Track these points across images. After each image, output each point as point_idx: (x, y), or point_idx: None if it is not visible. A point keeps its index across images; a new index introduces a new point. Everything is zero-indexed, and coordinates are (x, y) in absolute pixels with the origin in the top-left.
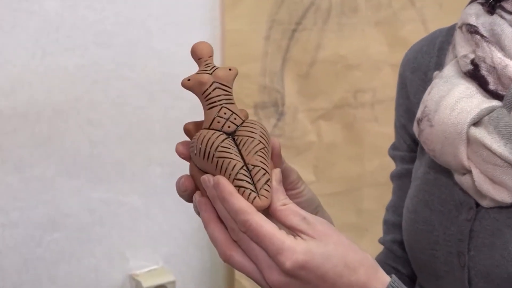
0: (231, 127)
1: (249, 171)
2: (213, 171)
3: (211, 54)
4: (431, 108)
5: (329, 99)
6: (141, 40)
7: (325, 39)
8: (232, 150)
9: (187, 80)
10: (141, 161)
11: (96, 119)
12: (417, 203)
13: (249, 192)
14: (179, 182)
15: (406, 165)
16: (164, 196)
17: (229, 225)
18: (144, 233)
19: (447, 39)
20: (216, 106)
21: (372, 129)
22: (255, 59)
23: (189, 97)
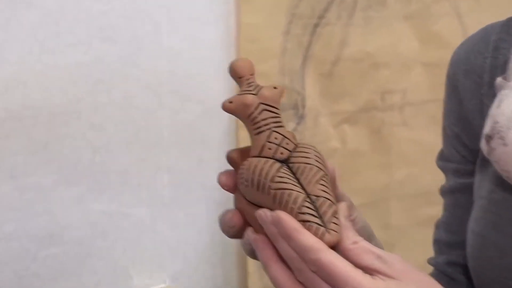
0: (284, 154)
1: (313, 202)
2: (270, 205)
3: (253, 71)
4: (503, 124)
5: (354, 101)
6: (149, 36)
7: (350, 34)
8: (290, 180)
9: (229, 103)
10: (148, 169)
11: (99, 122)
12: (485, 226)
13: (317, 226)
14: (226, 217)
15: (460, 178)
16: (173, 208)
17: (294, 265)
18: (150, 248)
19: (501, 37)
20: (265, 130)
21: (401, 134)
22: (273, 57)
23: (201, 99)
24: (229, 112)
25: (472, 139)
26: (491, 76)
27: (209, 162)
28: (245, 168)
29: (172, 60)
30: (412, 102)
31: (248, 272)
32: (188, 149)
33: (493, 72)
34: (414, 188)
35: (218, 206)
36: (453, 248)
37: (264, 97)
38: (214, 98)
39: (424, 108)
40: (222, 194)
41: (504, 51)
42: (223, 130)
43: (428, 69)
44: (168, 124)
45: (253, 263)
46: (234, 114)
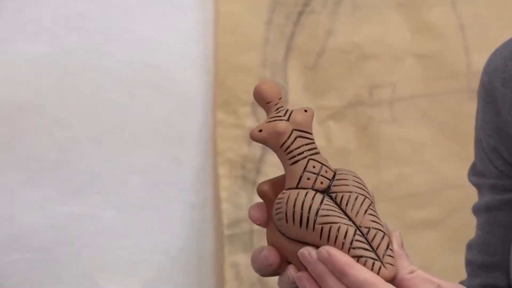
0: (324, 183)
1: (364, 235)
2: (315, 240)
3: (281, 95)
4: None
5: (340, 96)
6: (120, 24)
7: (336, 24)
8: (337, 212)
9: (259, 132)
10: (118, 169)
11: (65, 118)
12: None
13: (372, 262)
14: (260, 255)
15: (498, 195)
16: (145, 211)
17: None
18: (120, 254)
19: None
20: (301, 159)
21: (390, 132)
22: (253, 48)
23: (176, 93)
24: (259, 142)
25: (511, 152)
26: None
27: (184, 161)
28: (283, 202)
29: (145, 50)
30: (402, 97)
31: (226, 280)
32: (161, 147)
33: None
34: (404, 190)
35: (194, 209)
36: (490, 270)
37: (297, 123)
38: (190, 91)
39: (415, 104)
40: (198, 196)
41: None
42: (199, 126)
43: (420, 61)
44: (140, 119)
45: (230, 270)
46: (265, 143)
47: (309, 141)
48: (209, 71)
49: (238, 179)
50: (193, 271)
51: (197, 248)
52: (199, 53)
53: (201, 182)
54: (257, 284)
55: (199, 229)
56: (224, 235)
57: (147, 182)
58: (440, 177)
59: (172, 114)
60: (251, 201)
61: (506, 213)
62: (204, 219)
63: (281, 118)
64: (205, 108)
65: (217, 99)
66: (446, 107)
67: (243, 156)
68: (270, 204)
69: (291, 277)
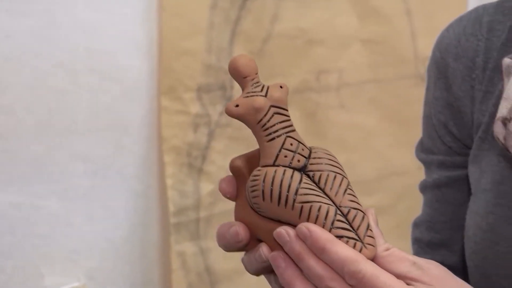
0: (301, 161)
1: (344, 215)
2: (293, 219)
3: (257, 69)
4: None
5: (286, 82)
6: (63, 8)
7: (282, 9)
8: (317, 191)
9: (235, 107)
10: (61, 157)
11: (6, 104)
12: (495, 220)
13: (354, 242)
14: (230, 231)
15: (446, 171)
16: (88, 200)
17: (324, 285)
18: (63, 243)
19: (496, 18)
20: (279, 136)
21: (338, 118)
22: (198, 33)
23: (120, 78)
24: (236, 117)
25: (460, 128)
26: (485, 59)
27: (129, 149)
28: (259, 180)
29: (88, 35)
30: (349, 83)
31: (172, 269)
32: (105, 134)
33: (487, 55)
34: (352, 176)
35: (138, 198)
36: (437, 247)
37: (274, 99)
38: (134, 77)
39: (362, 89)
40: (143, 184)
41: (499, 32)
42: (144, 113)
43: (368, 46)
44: (84, 106)
45: (177, 259)
46: (241, 119)
47: (286, 118)
48: (153, 56)
49: (183, 166)
50: (138, 261)
51: (142, 237)
52: (143, 38)
53: (145, 170)
54: (204, 273)
55: (144, 218)
56: (170, 223)
57: (90, 169)
58: (388, 164)
59: (116, 100)
60: (197, 189)
61: (454, 190)
62: (149, 208)
63: (259, 94)
64: (150, 94)
65: (161, 85)
66: (394, 93)
67: (188, 143)
68: (242, 180)
69: (263, 256)
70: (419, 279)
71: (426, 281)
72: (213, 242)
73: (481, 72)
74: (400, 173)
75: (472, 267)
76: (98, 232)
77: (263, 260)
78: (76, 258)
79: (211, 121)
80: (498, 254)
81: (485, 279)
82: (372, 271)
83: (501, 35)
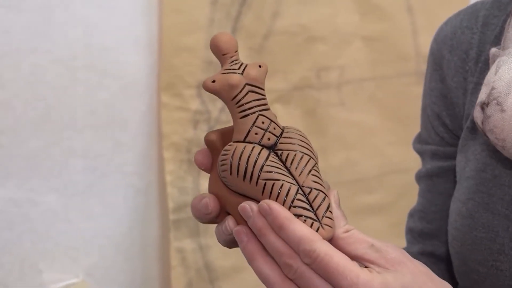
0: (271, 139)
1: (306, 195)
2: (257, 195)
3: (237, 48)
4: (501, 90)
5: (287, 79)
6: (61, 4)
7: (283, 5)
8: (281, 169)
9: (212, 82)
10: (60, 153)
11: (5, 100)
12: (474, 206)
13: (311, 222)
14: (201, 203)
15: (438, 162)
16: (87, 196)
17: (282, 261)
18: (62, 240)
19: (492, 13)
20: (251, 114)
21: (338, 115)
22: (199, 29)
23: (119, 75)
24: (211, 92)
25: (452, 118)
26: (478, 51)
27: (127, 145)
28: (229, 154)
29: (87, 31)
30: (350, 80)
31: (171, 266)
32: (104, 130)
33: (481, 48)
34: (352, 174)
35: (137, 194)
36: (428, 237)
37: (250, 77)
38: (133, 73)
39: (363, 87)
40: (142, 181)
41: (493, 26)
42: (143, 109)
43: (369, 44)
44: (82, 102)
45: (176, 255)
46: (217, 94)
47: (260, 97)
48: (153, 53)
49: (183, 163)
50: (138, 257)
51: (141, 234)
52: (143, 33)
53: (145, 166)
54: (203, 269)
55: (144, 214)
56: (169, 220)
57: (89, 166)
58: (388, 162)
59: (116, 97)
60: (197, 186)
61: (445, 180)
62: (149, 204)
63: (235, 71)
64: (150, 91)
65: (161, 81)
66: (394, 90)
67: (188, 139)
68: (216, 154)
69: (229, 229)
70: (375, 261)
71: (382, 263)
72: (212, 239)
73: (474, 64)
74: (400, 170)
75: (453, 254)
76: (97, 229)
77: (228, 233)
78: (75, 254)
79: (211, 117)
80: (475, 240)
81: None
82: (326, 251)
83: (495, 28)
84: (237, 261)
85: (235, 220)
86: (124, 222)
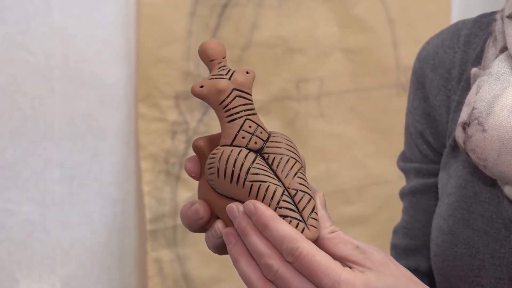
0: (258, 143)
1: (291, 196)
2: (244, 197)
3: (225, 54)
4: (482, 110)
5: (266, 90)
6: (39, 14)
7: (262, 17)
8: (267, 172)
9: (200, 87)
10: (37, 163)
11: None
12: (455, 223)
13: (297, 222)
14: (191, 209)
15: (422, 179)
16: (64, 206)
17: (263, 262)
18: (39, 250)
19: (473, 32)
20: (238, 118)
21: (317, 127)
22: (177, 40)
23: (97, 86)
24: (200, 97)
25: (435, 136)
26: (461, 70)
27: (105, 156)
28: (216, 158)
29: (65, 42)
30: (330, 92)
31: (148, 276)
32: (82, 141)
33: (463, 67)
34: (332, 186)
35: (115, 204)
36: (412, 253)
37: (238, 82)
38: (111, 85)
39: (343, 99)
40: (119, 191)
41: (475, 45)
42: (121, 120)
43: (348, 55)
44: (60, 113)
45: (153, 266)
46: (205, 99)
47: (247, 102)
48: (131, 64)
49: (161, 173)
50: (115, 267)
51: (118, 244)
52: (120, 45)
53: (123, 177)
54: (181, 279)
55: (121, 224)
56: (147, 230)
57: (66, 176)
58: (368, 173)
59: (93, 107)
60: (174, 196)
61: (428, 197)
62: (126, 214)
63: (223, 77)
64: (127, 101)
65: (139, 92)
66: (374, 102)
67: (166, 150)
68: (204, 160)
69: (218, 232)
70: (360, 262)
71: (366, 264)
72: (190, 249)
73: (456, 83)
74: (381, 182)
75: (435, 270)
76: (75, 239)
77: (218, 236)
78: (52, 264)
79: (188, 128)
80: (456, 256)
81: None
82: (309, 249)
83: (477, 47)
84: (215, 272)
85: (224, 223)
86: (102, 232)
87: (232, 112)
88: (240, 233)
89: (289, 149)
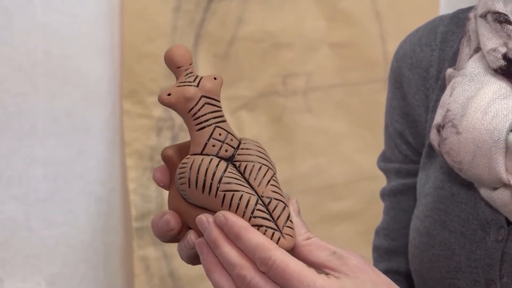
0: (229, 151)
1: (265, 205)
2: (216, 207)
3: (191, 61)
4: (456, 112)
5: (252, 86)
6: (21, 10)
7: (248, 11)
8: (240, 181)
9: (167, 95)
10: (20, 161)
11: None
12: (431, 224)
13: (272, 231)
14: (162, 220)
15: (402, 179)
16: (49, 204)
17: (235, 273)
18: (23, 248)
19: (450, 29)
20: (208, 126)
21: (305, 122)
22: (161, 36)
23: (80, 82)
24: (167, 106)
25: (415, 136)
26: (438, 69)
27: (90, 153)
28: (187, 167)
29: (48, 38)
30: (317, 87)
31: (135, 275)
32: (66, 139)
33: (440, 65)
34: (320, 181)
35: (100, 202)
36: (394, 255)
37: (206, 89)
38: (95, 81)
39: (330, 93)
40: (104, 189)
41: (452, 43)
42: (105, 117)
43: (336, 50)
44: (43, 110)
45: (140, 264)
46: (173, 108)
47: (216, 109)
48: (115, 59)
49: (146, 170)
50: (101, 266)
51: (104, 242)
52: (104, 40)
53: (108, 174)
54: (168, 277)
55: (106, 222)
56: (132, 228)
57: (50, 173)
58: (356, 169)
59: (77, 104)
60: (160, 194)
61: (409, 198)
62: (111, 212)
63: (191, 84)
64: (112, 98)
65: (123, 88)
66: (362, 97)
67: (151, 147)
68: (174, 169)
69: (191, 243)
70: (337, 268)
71: (343, 270)
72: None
73: (434, 82)
74: (369, 178)
75: (413, 271)
76: (59, 237)
77: (191, 247)
78: (36, 263)
79: (174, 124)
80: (432, 257)
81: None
82: (282, 258)
83: (454, 45)
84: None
85: (196, 234)
86: (87, 230)
87: (201, 120)
88: (210, 244)
89: (261, 156)
